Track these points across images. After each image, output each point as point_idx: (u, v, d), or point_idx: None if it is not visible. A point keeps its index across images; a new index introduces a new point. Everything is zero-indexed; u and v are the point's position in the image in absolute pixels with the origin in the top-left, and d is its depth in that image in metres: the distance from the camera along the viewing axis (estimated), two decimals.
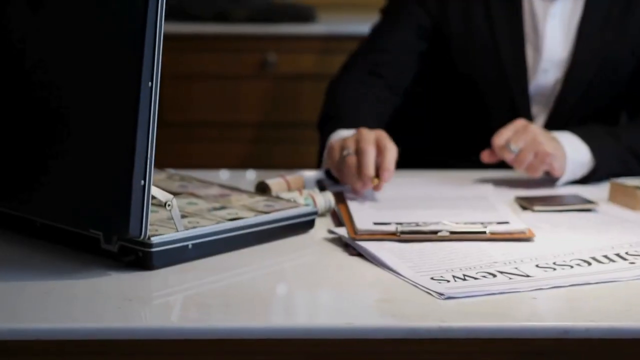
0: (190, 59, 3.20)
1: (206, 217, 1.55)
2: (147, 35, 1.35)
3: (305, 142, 3.27)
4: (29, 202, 1.49)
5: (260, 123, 3.27)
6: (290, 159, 3.21)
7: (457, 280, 1.41)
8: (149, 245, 1.41)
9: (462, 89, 2.14)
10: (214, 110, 3.25)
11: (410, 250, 1.51)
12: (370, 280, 1.43)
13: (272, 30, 3.21)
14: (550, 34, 2.08)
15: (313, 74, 3.23)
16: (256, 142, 3.27)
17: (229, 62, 3.21)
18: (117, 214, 1.38)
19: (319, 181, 1.90)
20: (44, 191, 1.46)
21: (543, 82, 2.09)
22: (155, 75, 1.36)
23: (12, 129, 1.49)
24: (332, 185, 1.84)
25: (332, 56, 3.23)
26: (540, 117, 2.11)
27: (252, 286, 1.41)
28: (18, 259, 1.48)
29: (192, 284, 1.41)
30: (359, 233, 1.55)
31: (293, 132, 3.26)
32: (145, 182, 1.37)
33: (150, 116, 1.37)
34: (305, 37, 3.22)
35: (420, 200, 1.74)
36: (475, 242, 1.54)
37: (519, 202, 1.76)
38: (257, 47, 3.20)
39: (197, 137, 3.26)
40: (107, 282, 1.39)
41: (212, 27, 3.19)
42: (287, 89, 3.24)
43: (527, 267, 1.46)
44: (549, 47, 2.08)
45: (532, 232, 1.56)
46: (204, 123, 3.26)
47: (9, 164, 1.49)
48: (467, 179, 1.92)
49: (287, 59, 3.22)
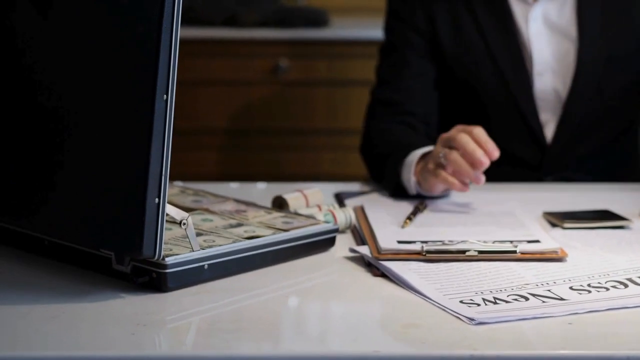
0: (199, 64, 3.14)
1: (222, 235, 1.48)
2: (163, 45, 1.28)
3: (317, 149, 3.22)
4: (37, 219, 1.42)
5: (271, 130, 3.21)
6: (302, 167, 3.16)
7: (488, 303, 1.34)
8: (164, 266, 1.34)
9: (466, 101, 2.09)
10: (223, 117, 3.20)
11: (436, 270, 1.44)
12: (395, 303, 1.36)
13: (284, 34, 3.15)
14: (535, 36, 2.03)
15: (326, 80, 3.18)
16: (266, 150, 3.21)
17: (239, 68, 3.16)
18: (130, 233, 1.31)
19: (337, 195, 1.83)
20: (53, 208, 1.40)
21: (541, 86, 2.04)
22: (171, 88, 1.29)
23: (20, 141, 1.42)
24: (352, 198, 1.77)
25: (345, 61, 3.17)
26: (551, 123, 2.05)
27: (271, 309, 1.34)
28: (24, 279, 1.41)
29: (207, 307, 1.34)
30: (383, 252, 1.47)
31: (305, 140, 3.20)
32: (159, 200, 1.30)
33: (165, 131, 1.30)
34: (318, 42, 3.17)
35: (444, 216, 1.67)
36: (505, 262, 1.47)
37: (547, 218, 1.69)
38: (268, 52, 3.15)
39: (205, 145, 3.20)
40: (119, 306, 1.32)
41: (221, 32, 3.14)
42: (299, 95, 3.19)
43: (560, 290, 1.39)
44: (537, 49, 2.03)
45: (565, 252, 1.49)
46: (212, 130, 3.20)
47: (16, 178, 1.43)
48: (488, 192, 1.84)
49: (299, 64, 3.17)
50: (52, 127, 1.38)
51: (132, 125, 1.31)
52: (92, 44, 1.35)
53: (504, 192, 1.86)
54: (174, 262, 1.35)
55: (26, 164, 1.41)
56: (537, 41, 2.04)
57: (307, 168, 3.20)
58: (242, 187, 2.00)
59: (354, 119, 3.16)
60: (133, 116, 1.31)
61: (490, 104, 2.06)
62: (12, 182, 1.44)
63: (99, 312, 1.30)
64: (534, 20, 2.04)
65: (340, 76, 3.18)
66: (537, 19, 2.04)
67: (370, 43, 3.16)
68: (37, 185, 1.40)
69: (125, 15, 1.31)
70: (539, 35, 2.04)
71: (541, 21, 2.04)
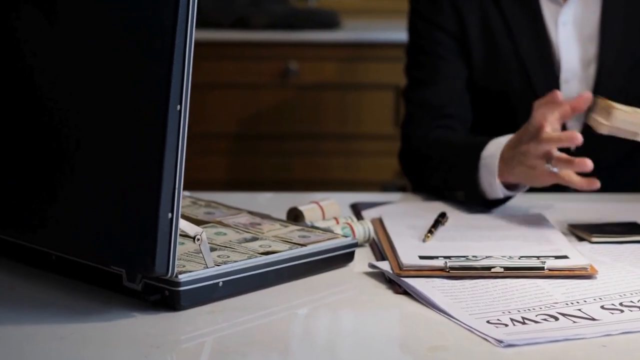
0: (207, 67, 3.10)
1: (237, 249, 1.42)
2: (176, 53, 1.22)
3: (327, 154, 3.17)
4: (45, 232, 1.36)
5: (280, 135, 3.16)
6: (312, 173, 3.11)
7: (516, 324, 1.28)
8: (177, 284, 1.28)
9: (494, 104, 2.02)
10: (231, 121, 3.16)
11: (461, 288, 1.38)
12: (419, 322, 1.30)
13: (294, 37, 3.11)
14: (564, 41, 1.96)
15: (337, 83, 3.13)
16: (275, 155, 3.17)
17: (248, 71, 3.12)
18: (142, 250, 1.25)
19: (353, 205, 1.77)
20: (61, 222, 1.34)
21: (567, 93, 1.96)
22: (185, 98, 1.23)
23: (27, 152, 1.36)
24: (369, 209, 1.71)
25: (357, 64, 3.13)
26: (575, 130, 1.98)
27: (287, 329, 1.29)
28: (30, 296, 1.35)
29: (222, 326, 1.28)
30: (405, 268, 1.41)
31: (315, 144, 3.16)
32: (172, 215, 1.24)
33: (179, 143, 1.24)
34: (329, 44, 3.13)
35: (466, 229, 1.60)
36: (532, 279, 1.41)
37: (572, 230, 1.63)
38: (278, 54, 3.11)
39: (212, 149, 3.15)
40: (130, 325, 1.26)
41: (231, 34, 3.10)
42: (309, 98, 3.14)
43: (591, 309, 1.32)
44: (565, 56, 1.97)
45: (595, 269, 1.43)
46: (220, 134, 3.16)
47: (23, 190, 1.37)
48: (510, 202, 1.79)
49: (310, 67, 3.13)
50: (60, 137, 1.32)
51: (144, 137, 1.25)
52: (101, 51, 1.29)
53: (526, 202, 1.80)
54: (188, 280, 1.29)
55: (34, 175, 1.36)
56: (566, 47, 1.97)
57: (318, 174, 3.16)
58: (253, 197, 1.95)
59: (366, 124, 3.12)
60: (145, 127, 1.25)
61: (518, 109, 1.99)
62: (19, 193, 1.38)
63: (109, 333, 1.24)
64: (563, 25, 1.97)
65: (352, 79, 3.13)
66: (566, 23, 1.97)
67: (382, 45, 3.13)
68: (45, 198, 1.34)
69: (137, 21, 1.25)
70: (568, 40, 1.97)
71: (570, 25, 1.97)
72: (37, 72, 1.35)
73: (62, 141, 1.32)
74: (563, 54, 1.97)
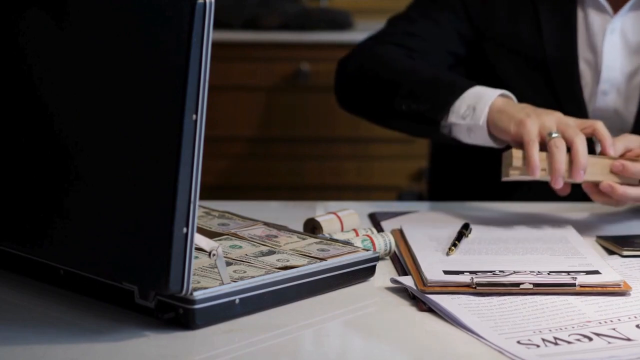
0: (218, 68, 3.03)
1: (253, 264, 1.36)
2: (192, 60, 1.16)
3: (339, 158, 3.11)
4: (52, 247, 1.30)
5: (292, 138, 3.11)
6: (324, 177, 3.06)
7: (548, 344, 1.21)
8: (192, 302, 1.22)
9: None
10: (241, 124, 3.11)
11: (488, 305, 1.32)
12: (445, 342, 1.24)
13: (306, 37, 3.07)
14: (609, 51, 1.85)
15: None
16: (287, 159, 3.11)
17: (259, 72, 3.07)
18: (155, 266, 1.19)
19: (371, 215, 1.71)
20: (70, 235, 1.27)
21: (602, 105, 1.86)
22: (201, 107, 1.18)
23: (35, 163, 1.30)
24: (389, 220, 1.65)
25: None
26: None
27: (309, 347, 1.23)
28: (37, 314, 1.29)
29: (239, 345, 1.22)
30: (429, 285, 1.35)
31: (327, 148, 3.11)
32: (187, 230, 1.18)
33: (195, 154, 1.18)
34: (341, 45, 3.04)
35: (491, 241, 1.54)
36: (563, 296, 1.35)
37: (601, 243, 1.56)
38: (290, 56, 3.06)
39: (222, 153, 3.10)
40: (143, 345, 1.20)
41: (241, 35, 3.05)
42: (321, 101, 3.09)
43: (626, 328, 1.26)
44: (608, 65, 1.85)
45: (628, 285, 1.37)
46: (230, 138, 3.11)
47: (31, 202, 1.31)
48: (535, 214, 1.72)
49: (322, 68, 3.07)
50: (70, 147, 1.26)
51: (158, 148, 1.19)
52: (114, 58, 1.23)
53: (550, 212, 1.74)
54: (203, 297, 1.23)
55: (42, 186, 1.29)
56: (610, 56, 1.85)
57: (330, 178, 3.10)
58: (267, 205, 1.89)
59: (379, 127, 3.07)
60: (159, 138, 1.19)
61: None
62: (27, 205, 1.32)
63: (121, 353, 1.18)
64: (611, 32, 1.85)
65: None
66: (614, 31, 1.85)
67: None
68: (53, 211, 1.28)
69: (150, 28, 1.19)
70: (613, 50, 1.85)
71: (618, 34, 1.85)
72: (47, 80, 1.29)
73: (73, 151, 1.26)
74: (605, 64, 1.85)
